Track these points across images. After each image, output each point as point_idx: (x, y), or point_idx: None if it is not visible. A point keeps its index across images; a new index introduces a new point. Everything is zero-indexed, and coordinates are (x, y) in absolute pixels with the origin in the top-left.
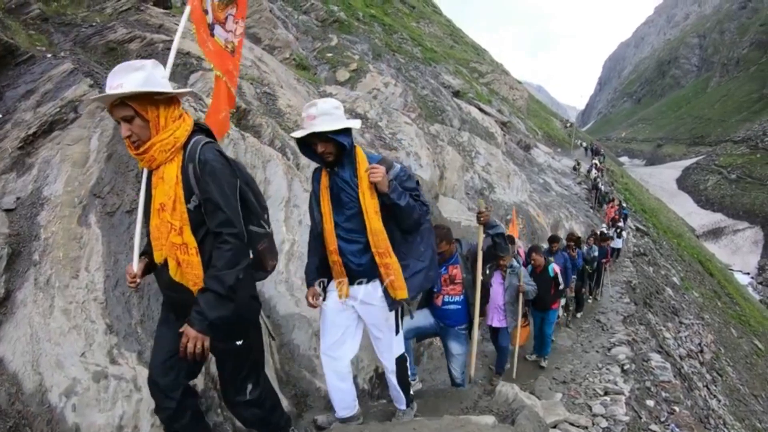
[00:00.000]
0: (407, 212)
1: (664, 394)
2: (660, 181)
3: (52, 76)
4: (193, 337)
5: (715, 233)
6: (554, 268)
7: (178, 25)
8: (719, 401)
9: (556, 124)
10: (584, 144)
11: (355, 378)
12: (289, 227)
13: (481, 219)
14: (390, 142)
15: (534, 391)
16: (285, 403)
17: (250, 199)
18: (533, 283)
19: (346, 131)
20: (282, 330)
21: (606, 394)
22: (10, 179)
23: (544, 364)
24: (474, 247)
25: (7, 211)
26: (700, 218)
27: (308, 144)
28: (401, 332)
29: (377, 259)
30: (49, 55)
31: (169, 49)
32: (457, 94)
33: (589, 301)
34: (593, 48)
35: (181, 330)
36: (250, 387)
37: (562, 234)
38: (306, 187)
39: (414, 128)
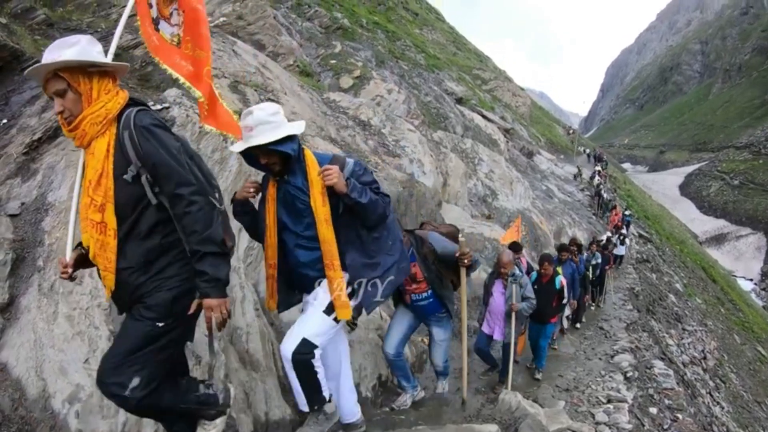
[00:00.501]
0: (371, 209)
1: (667, 401)
2: (663, 187)
3: None
4: (216, 306)
5: (718, 239)
6: (561, 281)
7: None
8: (722, 408)
9: (559, 130)
10: (587, 150)
11: (358, 386)
12: None
13: (465, 262)
14: (393, 149)
15: (537, 399)
16: (287, 411)
17: (196, 174)
18: (532, 295)
19: (291, 138)
20: None
21: (609, 401)
22: (14, 184)
23: (538, 376)
24: (434, 247)
25: (12, 216)
26: (702, 224)
27: (252, 155)
28: (331, 324)
29: (325, 270)
30: None
31: None
32: (460, 101)
33: (592, 308)
34: (596, 55)
35: (198, 301)
36: (136, 382)
37: (565, 240)
38: None
39: (417, 135)
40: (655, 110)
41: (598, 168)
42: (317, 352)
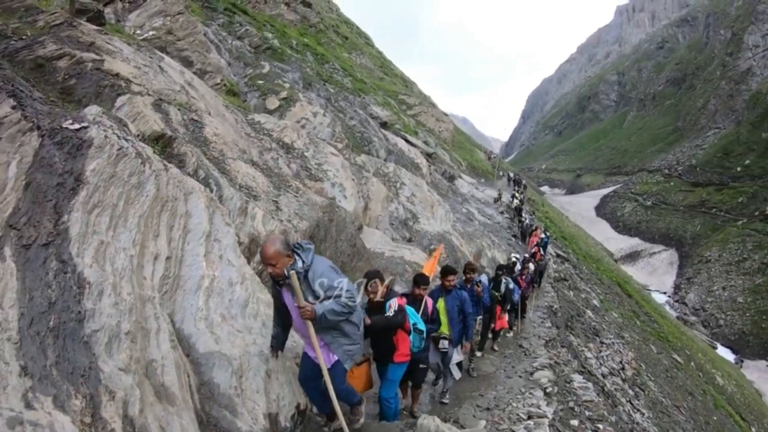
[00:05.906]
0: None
1: (587, 413)
2: (579, 209)
3: None
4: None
5: (633, 257)
6: (390, 305)
7: (110, 44)
8: (643, 415)
9: (480, 155)
10: (510, 174)
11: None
12: (209, 262)
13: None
14: (315, 173)
15: (458, 420)
16: None
17: None
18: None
19: None
20: (201, 368)
21: (530, 418)
22: None
23: None
24: None
25: None
26: (618, 243)
27: None
28: None
29: None
30: None
31: (98, 69)
32: (384, 125)
33: (509, 335)
34: (518, 84)
35: None
36: None
37: (484, 263)
38: (227, 221)
39: (340, 159)
40: (573, 136)
41: (520, 197)
42: None
